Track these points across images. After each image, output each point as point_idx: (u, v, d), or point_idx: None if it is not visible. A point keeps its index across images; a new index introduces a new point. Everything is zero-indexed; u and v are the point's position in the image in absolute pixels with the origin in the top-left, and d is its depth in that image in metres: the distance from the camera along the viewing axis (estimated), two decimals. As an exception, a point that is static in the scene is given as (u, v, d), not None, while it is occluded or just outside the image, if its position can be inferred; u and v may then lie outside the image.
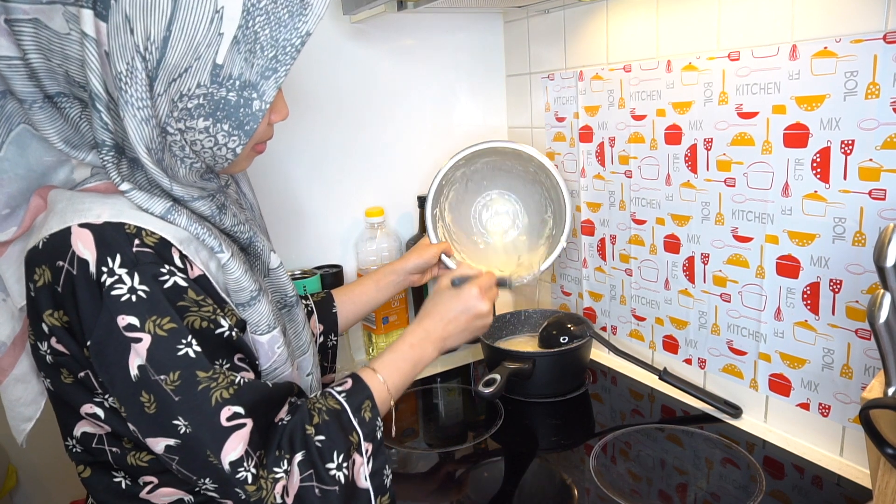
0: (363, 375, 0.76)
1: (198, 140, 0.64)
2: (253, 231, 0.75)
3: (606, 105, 1.16)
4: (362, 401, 0.73)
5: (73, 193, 0.64)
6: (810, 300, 0.89)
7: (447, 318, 0.87)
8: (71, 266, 0.59)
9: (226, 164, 0.68)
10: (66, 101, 0.63)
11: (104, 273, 0.58)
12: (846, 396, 0.87)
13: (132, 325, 0.59)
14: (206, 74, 0.61)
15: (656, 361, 1.17)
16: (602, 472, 0.89)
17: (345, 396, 0.73)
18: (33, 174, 0.66)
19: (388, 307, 1.27)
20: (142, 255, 0.60)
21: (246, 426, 0.62)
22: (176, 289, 0.61)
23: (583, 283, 1.30)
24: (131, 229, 0.61)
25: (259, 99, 0.63)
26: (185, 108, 0.62)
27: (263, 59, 0.62)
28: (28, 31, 0.58)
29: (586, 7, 1.17)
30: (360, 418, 0.71)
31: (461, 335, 0.88)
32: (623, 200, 1.16)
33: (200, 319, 0.62)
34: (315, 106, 1.24)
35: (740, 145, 0.93)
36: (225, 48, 0.60)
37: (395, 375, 0.79)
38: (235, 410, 0.62)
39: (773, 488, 0.83)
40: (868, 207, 0.80)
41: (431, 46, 1.35)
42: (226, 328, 0.64)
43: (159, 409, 0.60)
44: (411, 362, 0.82)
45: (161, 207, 0.63)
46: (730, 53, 0.92)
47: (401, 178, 1.36)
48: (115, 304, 0.58)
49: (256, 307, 0.69)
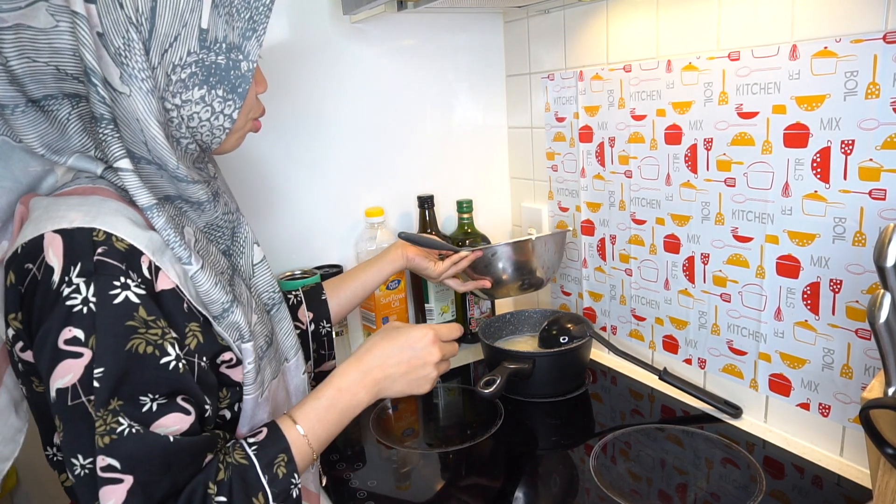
0: (281, 425, 0.68)
1: (195, 114, 0.64)
2: (238, 220, 0.74)
3: (606, 105, 1.16)
4: (275, 455, 0.65)
5: (51, 200, 0.63)
6: (810, 300, 0.89)
7: (389, 358, 0.76)
8: (38, 271, 0.58)
9: (222, 137, 0.68)
10: (54, 103, 0.62)
11: (64, 283, 0.57)
12: (846, 396, 0.87)
13: (77, 339, 0.56)
14: (195, 40, 0.62)
15: (656, 361, 1.17)
16: (602, 472, 0.89)
17: (255, 449, 0.65)
18: (20, 185, 0.65)
19: (388, 307, 1.27)
20: (101, 265, 0.58)
21: (122, 483, 0.56)
22: (126, 305, 0.58)
23: (583, 283, 1.30)
24: (100, 235, 0.59)
25: (246, 59, 0.65)
26: (180, 80, 0.62)
27: (241, 21, 0.64)
28: (8, 38, 0.58)
29: (586, 7, 1.17)
30: (270, 475, 0.63)
31: (400, 382, 0.77)
32: (623, 200, 1.16)
33: (146, 344, 0.58)
34: (315, 106, 1.24)
35: (740, 145, 0.93)
36: (207, 12, 0.62)
37: (318, 427, 0.70)
38: (110, 462, 0.55)
39: (773, 488, 0.83)
40: (868, 207, 0.80)
41: (431, 46, 1.35)
42: (172, 357, 0.60)
43: (65, 438, 0.57)
44: (339, 409, 0.72)
45: (147, 200, 0.62)
46: (730, 53, 0.92)
47: (401, 178, 1.36)
48: (65, 315, 0.56)
49: (229, 319, 0.66)
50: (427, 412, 1.14)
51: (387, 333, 0.79)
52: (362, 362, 0.76)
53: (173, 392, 0.60)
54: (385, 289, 1.27)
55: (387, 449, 1.00)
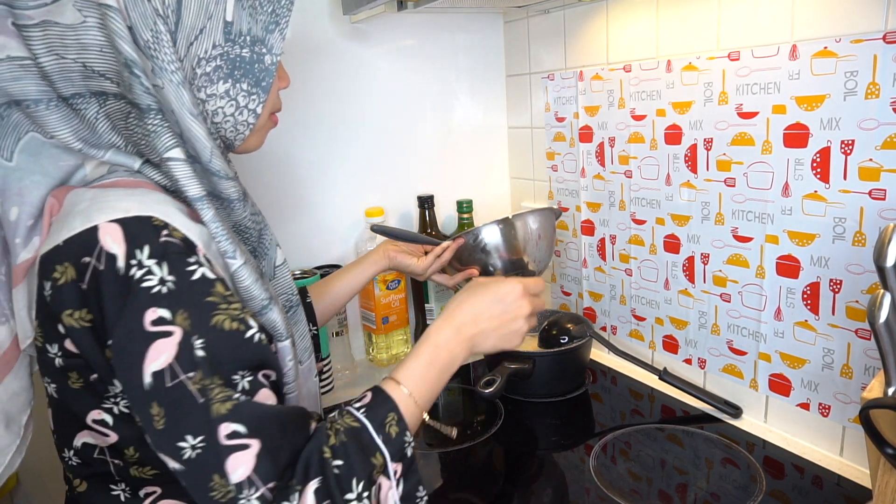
0: (385, 387, 0.68)
1: (220, 109, 0.64)
2: (264, 222, 0.74)
3: (606, 105, 1.16)
4: (385, 415, 0.64)
5: (97, 191, 0.62)
6: (810, 300, 0.89)
7: (481, 313, 0.76)
8: (98, 262, 0.56)
9: (247, 133, 0.68)
10: (82, 102, 0.62)
11: (133, 266, 0.56)
12: (846, 396, 0.87)
13: (163, 319, 0.55)
14: (220, 33, 0.62)
15: (656, 361, 1.17)
16: (602, 472, 0.89)
17: (364, 412, 0.64)
18: (51, 179, 0.64)
19: (388, 307, 1.27)
20: (170, 246, 0.57)
21: (249, 448, 0.55)
22: (204, 281, 0.58)
23: (583, 283, 1.30)
24: (159, 222, 0.58)
25: (269, 53, 0.65)
26: (205, 74, 0.62)
27: (264, 14, 0.64)
28: (36, 35, 0.58)
29: (586, 7, 1.17)
30: (384, 435, 0.63)
31: (492, 336, 0.76)
32: (623, 200, 1.16)
33: (230, 319, 0.58)
34: (315, 106, 1.24)
35: (740, 145, 0.93)
36: (231, 4, 0.62)
37: (422, 385, 0.69)
38: (235, 429, 0.55)
39: (773, 488, 0.83)
40: (868, 207, 0.80)
41: (431, 46, 1.35)
42: (255, 329, 0.60)
43: (167, 423, 0.55)
44: (439, 367, 0.71)
45: (198, 190, 0.61)
46: (730, 53, 0.92)
47: (401, 178, 1.36)
48: (144, 297, 0.55)
49: (268, 316, 0.66)
50: (427, 412, 1.14)
51: (475, 289, 0.78)
52: (454, 318, 0.74)
53: (258, 366, 0.60)
54: (385, 289, 1.27)
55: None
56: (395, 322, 1.29)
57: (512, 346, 0.79)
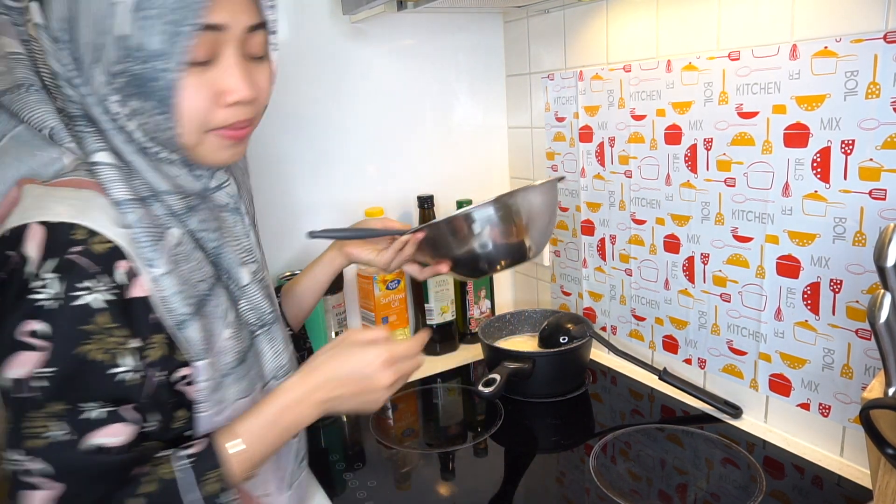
0: (220, 438, 0.65)
1: (142, 126, 0.63)
2: (222, 241, 0.71)
3: (606, 105, 1.16)
4: (208, 470, 0.62)
5: (44, 189, 0.62)
6: (810, 300, 0.89)
7: (338, 379, 0.72)
8: (17, 259, 0.58)
9: (186, 151, 0.66)
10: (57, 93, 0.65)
11: (35, 275, 0.57)
12: (846, 396, 0.87)
13: (35, 332, 0.56)
14: (116, 49, 0.59)
15: (656, 361, 1.17)
16: (602, 472, 0.89)
17: (189, 462, 0.61)
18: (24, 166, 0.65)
19: (387, 307, 1.27)
20: (74, 264, 0.58)
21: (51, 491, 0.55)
22: (84, 309, 0.57)
23: (583, 283, 1.30)
24: (80, 234, 0.58)
25: (168, 70, 0.59)
26: (118, 90, 0.61)
27: (161, 24, 0.58)
28: None
29: (586, 7, 1.17)
30: (202, 491, 0.61)
31: (349, 402, 0.73)
32: (623, 200, 1.16)
33: (102, 351, 0.58)
34: (314, 106, 1.24)
35: (740, 145, 0.93)
36: (121, 18, 0.58)
37: (259, 444, 0.66)
38: (42, 467, 0.55)
39: (773, 488, 0.83)
40: (868, 207, 0.80)
41: (431, 46, 1.35)
42: (124, 368, 0.59)
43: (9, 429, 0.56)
44: (281, 427, 0.68)
45: (122, 194, 0.61)
46: (730, 53, 0.92)
47: (401, 178, 1.36)
48: (29, 307, 0.56)
49: (185, 332, 0.63)
50: (427, 412, 1.14)
51: (338, 351, 0.74)
52: (308, 381, 0.71)
53: (118, 402, 0.59)
54: (385, 289, 1.27)
55: (387, 449, 1.00)
56: (394, 322, 1.29)
57: (369, 411, 0.77)
